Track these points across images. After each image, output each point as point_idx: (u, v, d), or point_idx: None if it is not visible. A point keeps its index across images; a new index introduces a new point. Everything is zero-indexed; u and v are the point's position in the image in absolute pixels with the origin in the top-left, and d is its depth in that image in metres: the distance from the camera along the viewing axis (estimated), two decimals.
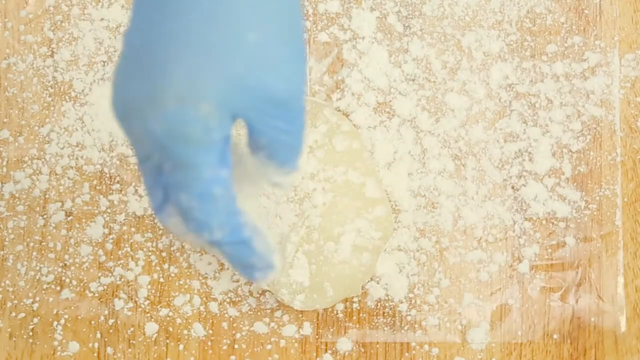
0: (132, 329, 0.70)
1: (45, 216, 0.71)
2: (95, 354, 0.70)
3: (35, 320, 0.70)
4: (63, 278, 0.70)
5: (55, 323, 0.70)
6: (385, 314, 0.70)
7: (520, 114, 0.70)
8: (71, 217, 0.71)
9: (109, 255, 0.70)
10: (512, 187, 0.71)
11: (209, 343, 0.70)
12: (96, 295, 0.70)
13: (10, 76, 0.69)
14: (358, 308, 0.70)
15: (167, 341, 0.70)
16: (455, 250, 0.71)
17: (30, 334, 0.70)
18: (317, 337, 0.71)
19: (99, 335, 0.70)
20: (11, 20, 0.69)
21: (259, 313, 0.70)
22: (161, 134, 0.49)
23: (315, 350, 0.70)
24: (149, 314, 0.70)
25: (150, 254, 0.70)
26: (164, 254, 0.70)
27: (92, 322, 0.70)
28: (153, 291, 0.70)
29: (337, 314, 0.71)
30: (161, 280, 0.71)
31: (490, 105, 0.71)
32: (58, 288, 0.70)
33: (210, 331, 0.70)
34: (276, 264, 0.56)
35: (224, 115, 0.50)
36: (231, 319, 0.70)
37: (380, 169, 0.70)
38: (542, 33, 0.71)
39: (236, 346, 0.70)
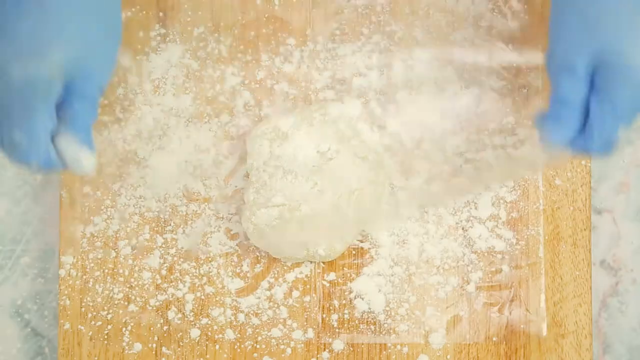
0: (180, 333, 0.74)
1: (116, 250, 0.75)
2: (154, 352, 0.75)
3: (109, 327, 0.75)
4: (129, 296, 0.75)
5: (123, 329, 0.75)
6: (369, 322, 0.75)
7: (468, 174, 0.75)
8: (135, 251, 0.75)
9: (164, 278, 0.75)
10: (462, 229, 0.75)
11: (238, 344, 0.74)
12: (154, 308, 0.75)
13: None
14: (348, 318, 0.74)
15: (207, 343, 0.74)
16: (420, 275, 0.75)
17: (105, 337, 0.75)
18: (317, 339, 0.74)
19: (156, 338, 0.75)
20: None
21: (275, 321, 0.74)
22: (21, 85, 0.57)
23: (316, 349, 0.75)
24: (193, 322, 0.75)
25: (194, 278, 0.75)
26: (204, 278, 0.75)
27: (151, 329, 0.75)
28: (196, 305, 0.75)
29: (332, 322, 0.74)
30: (202, 297, 0.75)
31: (446, 168, 0.75)
32: (126, 303, 0.75)
33: (239, 335, 0.74)
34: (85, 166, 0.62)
35: (59, 81, 0.59)
36: (254, 326, 0.74)
37: None
38: (484, 114, 0.75)
39: (257, 346, 0.75)
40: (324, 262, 0.75)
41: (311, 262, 0.75)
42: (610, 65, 0.60)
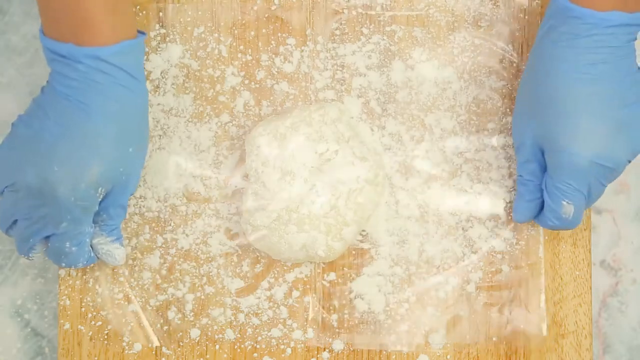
0: (180, 333, 0.75)
1: None
2: (154, 352, 0.75)
3: (109, 327, 0.75)
4: (130, 295, 0.75)
5: (124, 329, 0.75)
6: (369, 322, 0.75)
7: (468, 174, 0.76)
8: (136, 251, 0.75)
9: (164, 278, 0.75)
10: (462, 229, 0.75)
11: (238, 344, 0.75)
12: (154, 308, 0.75)
13: None
14: (348, 318, 0.75)
15: (207, 343, 0.75)
16: (420, 275, 0.75)
17: (106, 337, 0.75)
18: (317, 339, 0.75)
19: (156, 338, 0.75)
20: None
21: (274, 321, 0.75)
22: (71, 202, 0.65)
23: (316, 350, 0.75)
24: (193, 322, 0.75)
25: (194, 277, 0.75)
26: (204, 278, 0.75)
27: (152, 328, 0.75)
28: (196, 305, 0.75)
29: (332, 322, 0.75)
30: (202, 297, 0.75)
31: (446, 168, 0.76)
32: (126, 303, 0.75)
33: (239, 335, 0.75)
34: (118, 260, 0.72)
35: (101, 195, 0.67)
36: (254, 326, 0.75)
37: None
38: (484, 114, 0.76)
39: (257, 346, 0.75)
40: (324, 262, 0.76)
41: (311, 262, 0.75)
42: (549, 148, 0.66)
